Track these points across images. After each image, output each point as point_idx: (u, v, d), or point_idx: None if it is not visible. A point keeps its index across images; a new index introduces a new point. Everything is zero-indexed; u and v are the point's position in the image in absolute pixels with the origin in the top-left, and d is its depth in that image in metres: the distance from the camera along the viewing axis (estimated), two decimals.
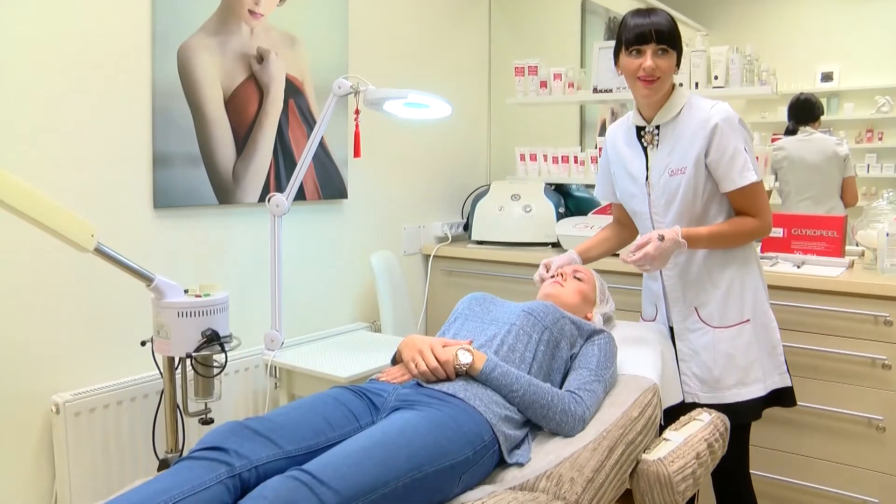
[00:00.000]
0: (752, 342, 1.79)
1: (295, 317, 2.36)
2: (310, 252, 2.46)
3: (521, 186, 2.88)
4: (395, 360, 1.57)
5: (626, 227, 2.05)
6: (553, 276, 1.87)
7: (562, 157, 2.94)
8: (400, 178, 2.84)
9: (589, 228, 2.49)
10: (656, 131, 1.77)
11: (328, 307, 2.55)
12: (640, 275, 2.06)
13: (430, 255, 2.92)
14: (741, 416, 1.80)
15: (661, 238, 1.67)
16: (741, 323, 1.79)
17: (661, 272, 1.86)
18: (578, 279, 1.86)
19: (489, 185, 2.98)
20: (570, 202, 2.96)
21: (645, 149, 1.81)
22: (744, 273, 1.80)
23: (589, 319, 1.80)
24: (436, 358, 1.42)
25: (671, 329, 1.90)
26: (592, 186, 3.01)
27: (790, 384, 1.85)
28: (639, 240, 1.71)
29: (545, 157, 2.98)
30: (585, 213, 2.81)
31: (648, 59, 1.67)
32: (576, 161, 2.92)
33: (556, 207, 2.79)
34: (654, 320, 1.96)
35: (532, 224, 2.77)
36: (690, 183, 1.73)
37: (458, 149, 3.15)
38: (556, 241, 2.72)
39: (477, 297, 1.74)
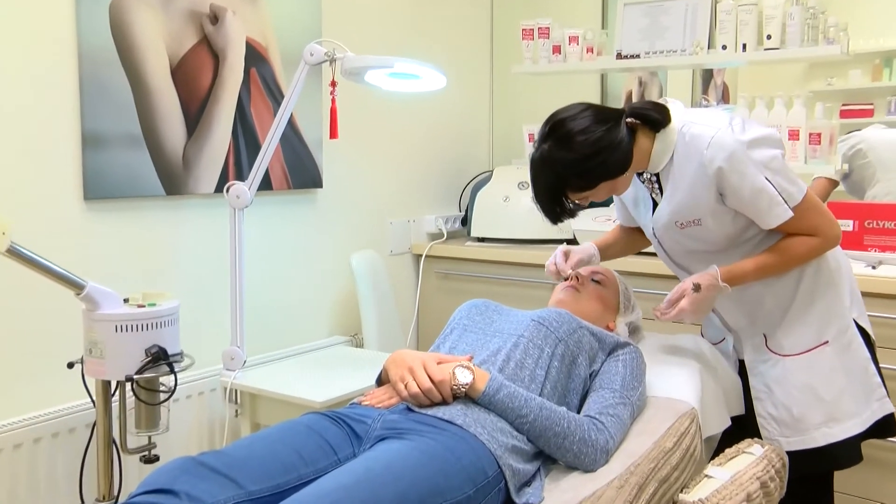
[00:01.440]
0: (837, 367, 1.74)
1: (260, 330, 2.35)
2: (278, 252, 2.45)
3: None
4: (381, 381, 1.57)
5: (634, 232, 2.02)
6: (567, 278, 1.86)
7: None
8: (385, 163, 2.83)
9: (612, 222, 2.48)
10: (655, 178, 1.75)
11: (300, 318, 2.54)
12: (674, 277, 2.05)
13: (421, 256, 2.92)
14: (839, 462, 1.76)
15: (697, 288, 1.65)
16: (818, 346, 1.75)
17: None
18: (597, 282, 1.85)
19: (492, 172, 2.98)
20: None
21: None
22: (819, 284, 1.75)
23: (611, 330, 1.79)
24: (429, 377, 1.41)
25: (741, 362, 1.88)
26: None
27: (892, 410, 1.79)
28: (671, 294, 1.69)
29: None
30: (607, 204, 2.80)
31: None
32: None
33: None
34: (719, 345, 1.96)
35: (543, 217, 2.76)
36: (711, 230, 1.70)
37: (455, 128, 3.14)
38: (572, 237, 2.71)
39: (477, 304, 1.74)
